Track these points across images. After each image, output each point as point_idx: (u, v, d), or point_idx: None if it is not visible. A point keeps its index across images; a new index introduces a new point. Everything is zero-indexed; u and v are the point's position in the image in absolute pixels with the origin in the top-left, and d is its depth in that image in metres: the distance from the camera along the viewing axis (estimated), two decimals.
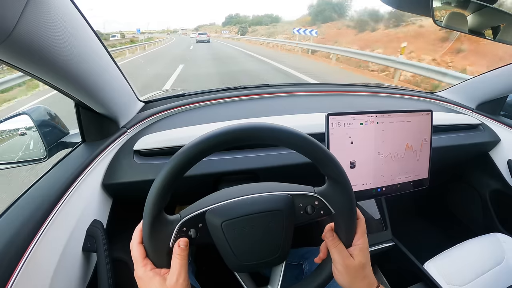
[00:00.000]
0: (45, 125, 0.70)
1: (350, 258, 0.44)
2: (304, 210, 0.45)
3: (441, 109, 1.12)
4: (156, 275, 0.39)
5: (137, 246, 0.41)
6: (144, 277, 0.40)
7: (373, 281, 0.45)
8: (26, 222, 0.47)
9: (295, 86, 1.19)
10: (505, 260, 0.80)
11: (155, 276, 0.39)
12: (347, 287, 0.44)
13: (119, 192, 0.72)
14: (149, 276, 0.39)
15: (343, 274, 0.44)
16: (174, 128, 0.80)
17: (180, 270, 0.39)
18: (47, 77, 0.47)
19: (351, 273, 0.44)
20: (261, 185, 0.47)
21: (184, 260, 0.40)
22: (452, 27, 0.69)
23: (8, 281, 0.40)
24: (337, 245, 0.44)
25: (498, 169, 1.08)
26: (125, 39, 29.32)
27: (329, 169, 0.41)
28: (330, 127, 0.68)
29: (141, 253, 0.40)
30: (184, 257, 0.40)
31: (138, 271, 0.40)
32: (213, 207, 0.43)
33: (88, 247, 0.57)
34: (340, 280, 0.45)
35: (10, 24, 0.32)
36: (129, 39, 28.98)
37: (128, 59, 12.31)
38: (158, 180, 0.37)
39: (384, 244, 0.88)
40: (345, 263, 0.43)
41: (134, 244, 0.41)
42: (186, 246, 0.40)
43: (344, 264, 0.43)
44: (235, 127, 0.38)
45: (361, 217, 0.46)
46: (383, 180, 0.76)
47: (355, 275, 0.44)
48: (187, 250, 0.40)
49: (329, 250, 0.45)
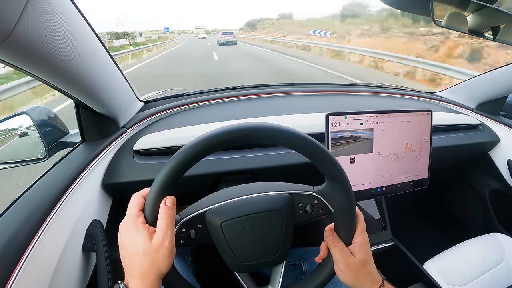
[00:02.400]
0: (45, 125, 0.70)
1: (351, 256, 0.44)
2: (303, 210, 0.45)
3: (441, 109, 1.12)
4: (145, 230, 0.37)
5: (138, 196, 0.40)
6: (131, 228, 0.38)
7: (377, 277, 0.45)
8: (26, 222, 0.47)
9: (295, 86, 1.19)
10: (504, 260, 0.80)
11: (143, 230, 0.37)
12: (352, 285, 0.44)
13: (119, 192, 0.72)
14: (137, 228, 0.37)
15: (346, 272, 0.44)
16: (174, 128, 0.80)
17: (166, 230, 0.37)
18: (47, 77, 0.47)
19: (354, 270, 0.43)
20: (260, 185, 0.47)
21: (171, 220, 0.38)
22: (452, 27, 0.69)
23: (8, 281, 0.40)
24: (338, 244, 0.44)
25: (497, 169, 1.08)
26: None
27: (328, 168, 0.41)
28: (330, 127, 0.68)
29: (138, 204, 0.39)
30: (171, 216, 0.38)
31: (127, 221, 0.38)
32: (212, 207, 0.43)
33: (88, 247, 0.57)
34: (343, 279, 0.44)
35: (10, 24, 0.32)
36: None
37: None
38: (158, 180, 0.37)
39: (383, 244, 0.88)
40: (347, 262, 0.43)
41: (135, 195, 0.40)
42: (173, 204, 0.38)
43: (346, 263, 0.43)
44: (235, 127, 0.38)
45: (360, 214, 0.46)
46: (382, 180, 0.76)
47: (358, 272, 0.44)
48: (174, 210, 0.39)
49: (330, 249, 0.45)
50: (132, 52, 13.11)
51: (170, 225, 0.38)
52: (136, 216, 0.38)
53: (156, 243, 0.37)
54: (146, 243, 0.37)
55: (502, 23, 0.69)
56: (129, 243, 0.38)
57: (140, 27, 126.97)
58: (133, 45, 18.76)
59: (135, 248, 0.37)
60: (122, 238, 0.39)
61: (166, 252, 0.37)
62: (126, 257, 0.38)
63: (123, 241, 0.39)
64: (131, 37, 23.85)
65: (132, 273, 0.37)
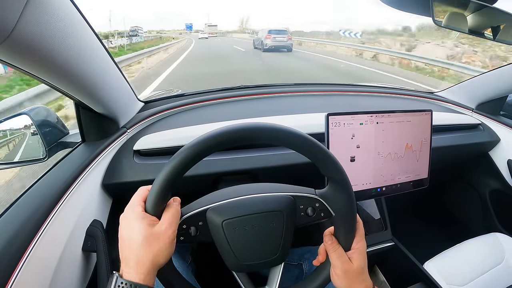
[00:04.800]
0: (45, 125, 0.70)
1: (349, 263, 0.44)
2: (304, 212, 0.45)
3: (441, 109, 1.12)
4: (145, 217, 0.37)
5: (144, 189, 0.40)
6: (131, 216, 0.38)
7: (369, 284, 0.45)
8: (26, 222, 0.47)
9: (295, 86, 1.19)
10: (505, 260, 0.80)
11: (144, 217, 0.37)
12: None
13: (119, 192, 0.72)
14: (137, 216, 0.37)
15: (342, 278, 0.43)
16: (174, 128, 0.80)
17: (172, 220, 0.38)
18: (47, 77, 0.47)
19: (350, 277, 0.43)
20: (262, 186, 0.47)
21: (178, 213, 0.40)
22: (452, 27, 0.69)
23: (8, 281, 0.40)
24: (336, 249, 0.44)
25: (497, 169, 1.08)
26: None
27: (330, 170, 0.41)
28: (330, 127, 0.68)
29: (142, 196, 0.40)
30: (178, 210, 0.40)
31: (128, 210, 0.39)
32: (214, 205, 0.43)
33: (88, 247, 0.57)
34: (338, 285, 0.44)
35: (10, 24, 0.32)
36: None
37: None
38: (158, 180, 0.37)
39: (384, 244, 0.87)
40: (344, 268, 0.43)
41: (142, 188, 0.41)
42: (179, 202, 0.41)
43: (343, 269, 0.43)
44: (235, 127, 0.38)
45: (359, 220, 0.46)
46: (383, 180, 0.76)
47: (354, 279, 0.44)
48: (179, 206, 0.41)
49: (328, 254, 0.45)
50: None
51: (176, 217, 0.39)
52: (137, 205, 0.39)
53: (159, 231, 0.37)
54: (146, 230, 0.37)
55: (502, 23, 0.69)
56: (128, 232, 0.38)
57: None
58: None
59: (133, 236, 0.37)
60: (121, 228, 0.39)
61: (167, 241, 0.37)
62: (124, 247, 0.38)
63: (122, 231, 0.38)
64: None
65: (128, 261, 0.36)
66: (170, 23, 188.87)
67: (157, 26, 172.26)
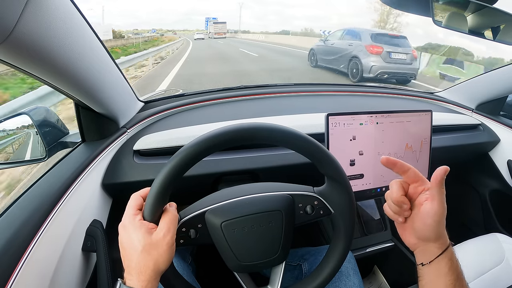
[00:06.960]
0: (45, 125, 0.70)
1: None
2: (303, 210, 0.45)
3: (441, 109, 1.12)
4: (143, 226, 0.38)
5: (137, 196, 0.40)
6: (129, 226, 0.38)
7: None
8: (26, 222, 0.47)
9: (295, 86, 1.19)
10: (505, 260, 0.80)
11: (141, 226, 0.38)
12: (439, 236, 0.45)
13: (119, 192, 0.72)
14: (135, 226, 0.38)
15: (442, 223, 0.44)
16: (174, 128, 0.80)
17: (169, 225, 0.38)
18: (47, 77, 0.47)
19: (443, 222, 0.44)
20: (260, 185, 0.47)
21: (175, 218, 0.40)
22: (452, 28, 0.69)
23: (8, 281, 0.40)
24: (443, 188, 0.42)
25: (497, 169, 1.08)
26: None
27: (328, 169, 0.41)
28: (330, 127, 0.68)
29: (137, 204, 0.40)
30: (175, 215, 0.40)
31: (125, 220, 0.39)
32: (212, 207, 0.43)
33: (88, 247, 0.57)
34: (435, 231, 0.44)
35: (10, 24, 0.32)
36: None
37: None
38: (158, 180, 0.37)
39: (384, 244, 0.88)
40: (444, 207, 0.42)
41: (134, 195, 0.41)
42: (176, 207, 0.41)
43: (444, 208, 0.43)
44: (235, 127, 0.38)
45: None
46: (383, 180, 0.76)
47: (443, 224, 0.43)
48: (176, 211, 0.41)
49: (438, 192, 0.43)
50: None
51: (174, 222, 0.39)
52: (134, 214, 0.39)
53: (157, 238, 0.37)
54: (144, 238, 0.37)
55: (502, 23, 0.69)
56: (127, 241, 0.38)
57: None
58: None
59: (133, 245, 0.37)
60: (120, 237, 0.39)
61: (166, 247, 0.37)
62: (125, 256, 0.38)
63: (121, 240, 0.39)
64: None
65: (130, 270, 0.37)
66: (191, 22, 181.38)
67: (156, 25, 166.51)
